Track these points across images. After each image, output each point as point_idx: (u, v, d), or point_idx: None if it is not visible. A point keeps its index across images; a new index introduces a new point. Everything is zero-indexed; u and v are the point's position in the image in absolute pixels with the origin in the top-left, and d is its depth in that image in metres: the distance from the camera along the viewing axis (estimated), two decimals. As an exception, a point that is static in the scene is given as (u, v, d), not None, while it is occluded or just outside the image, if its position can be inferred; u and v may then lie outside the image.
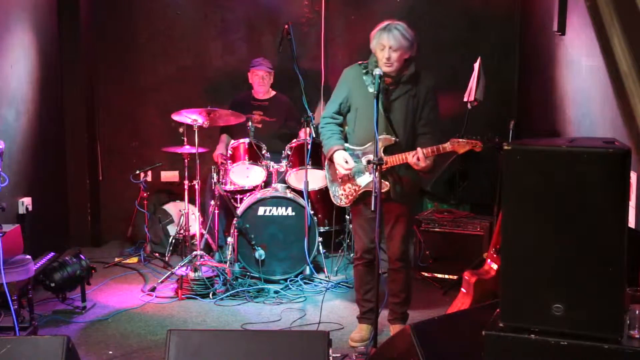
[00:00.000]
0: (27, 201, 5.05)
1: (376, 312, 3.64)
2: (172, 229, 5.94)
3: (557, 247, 2.27)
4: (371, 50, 3.84)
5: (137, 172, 5.98)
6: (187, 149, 5.31)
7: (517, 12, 6.21)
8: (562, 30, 4.70)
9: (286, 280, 5.15)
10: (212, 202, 5.44)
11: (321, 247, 5.32)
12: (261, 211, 5.18)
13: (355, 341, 4.06)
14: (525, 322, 2.32)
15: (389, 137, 3.80)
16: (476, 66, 5.14)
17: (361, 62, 3.95)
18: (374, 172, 3.57)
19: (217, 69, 6.41)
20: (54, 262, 4.54)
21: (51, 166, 5.79)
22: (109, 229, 6.45)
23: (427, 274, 5.23)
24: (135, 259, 5.78)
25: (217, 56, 6.42)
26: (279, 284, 5.08)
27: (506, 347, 2.33)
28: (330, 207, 5.38)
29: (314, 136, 5.22)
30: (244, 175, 5.31)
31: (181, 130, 5.48)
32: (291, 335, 3.65)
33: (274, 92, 5.87)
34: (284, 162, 5.30)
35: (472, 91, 5.13)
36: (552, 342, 2.27)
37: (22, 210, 4.98)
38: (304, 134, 5.23)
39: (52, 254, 4.60)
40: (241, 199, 5.45)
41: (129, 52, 6.39)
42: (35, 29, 5.33)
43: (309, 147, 5.13)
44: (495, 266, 4.15)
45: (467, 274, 4.19)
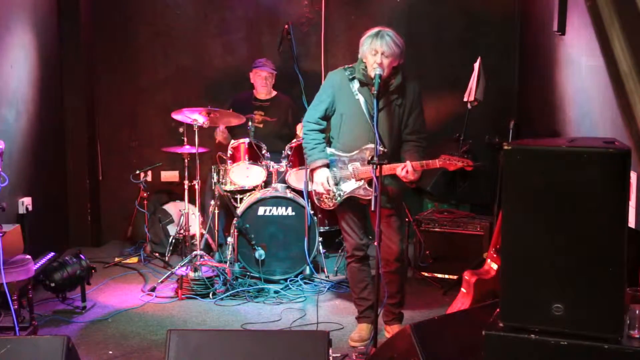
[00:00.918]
0: (27, 201, 5.05)
1: (375, 312, 3.64)
2: (172, 229, 5.94)
3: (557, 247, 2.26)
4: (359, 56, 3.83)
5: (137, 172, 5.97)
6: (187, 148, 5.31)
7: (517, 12, 6.20)
8: (562, 30, 4.69)
9: (286, 280, 5.15)
10: (212, 202, 5.44)
11: (321, 247, 5.32)
12: (261, 211, 5.18)
13: (355, 341, 4.06)
14: (525, 322, 2.32)
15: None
16: (476, 66, 5.14)
17: (346, 67, 3.94)
18: (374, 172, 3.55)
19: (217, 68, 6.41)
20: (54, 262, 4.55)
21: (51, 166, 5.80)
22: (109, 229, 6.45)
23: (427, 274, 5.23)
24: (135, 259, 5.78)
25: (217, 56, 6.41)
26: (279, 284, 5.09)
27: (506, 347, 2.33)
28: (330, 207, 5.38)
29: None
30: (244, 175, 5.31)
31: (181, 130, 5.48)
32: (291, 335, 3.65)
33: (275, 92, 5.87)
34: (284, 162, 5.30)
35: (472, 91, 5.13)
36: (552, 342, 2.27)
37: (22, 210, 4.99)
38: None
39: (52, 254, 4.60)
40: (241, 199, 5.45)
41: (129, 52, 6.39)
42: (35, 29, 5.33)
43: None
44: (495, 266, 4.15)
45: (467, 274, 4.19)
